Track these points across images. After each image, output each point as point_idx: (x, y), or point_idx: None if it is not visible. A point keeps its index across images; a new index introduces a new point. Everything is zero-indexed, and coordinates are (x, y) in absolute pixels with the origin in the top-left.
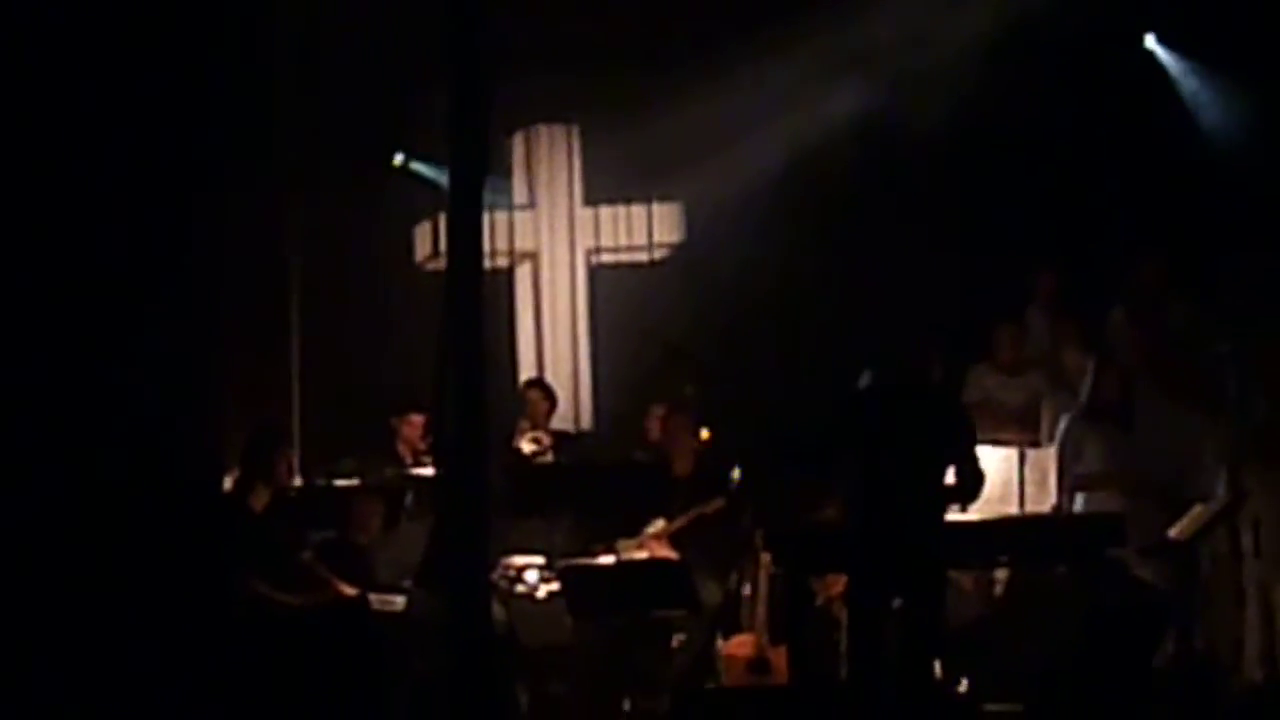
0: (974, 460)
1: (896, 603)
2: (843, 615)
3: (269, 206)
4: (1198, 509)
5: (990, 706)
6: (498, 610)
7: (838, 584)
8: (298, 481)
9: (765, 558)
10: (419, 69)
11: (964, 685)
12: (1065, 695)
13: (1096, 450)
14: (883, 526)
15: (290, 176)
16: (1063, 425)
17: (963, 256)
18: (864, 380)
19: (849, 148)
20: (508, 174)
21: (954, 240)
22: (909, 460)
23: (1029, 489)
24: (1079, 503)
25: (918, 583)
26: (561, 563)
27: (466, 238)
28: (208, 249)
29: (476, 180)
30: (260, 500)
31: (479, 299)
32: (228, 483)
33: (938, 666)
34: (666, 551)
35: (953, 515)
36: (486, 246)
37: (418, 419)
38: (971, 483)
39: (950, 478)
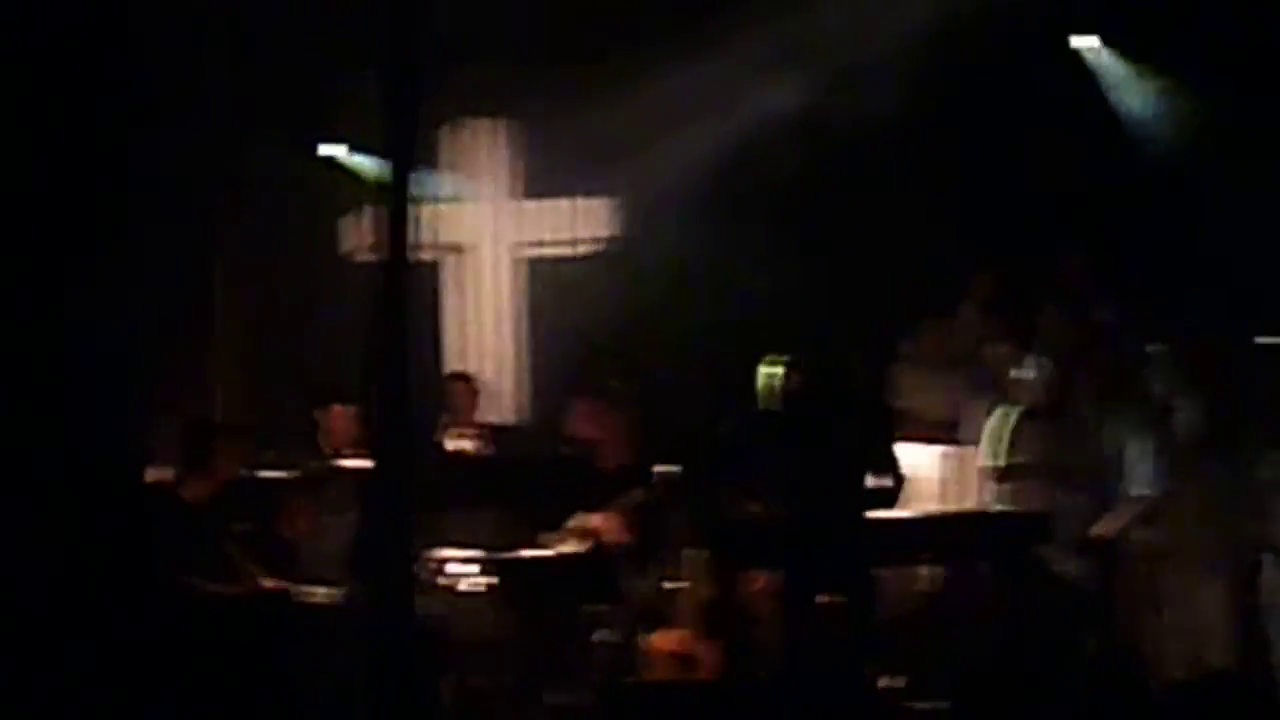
0: (894, 462)
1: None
2: (764, 611)
3: (195, 195)
4: (1122, 507)
5: (918, 704)
6: (422, 603)
7: (759, 579)
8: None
9: (692, 552)
10: (350, 56)
11: (892, 683)
12: (990, 693)
13: (1027, 443)
14: (807, 526)
15: (217, 165)
16: (993, 417)
17: (893, 254)
18: (787, 379)
19: (782, 143)
20: (435, 167)
21: (885, 238)
22: (830, 460)
23: (952, 486)
24: (1001, 496)
25: (844, 580)
26: (486, 555)
27: (395, 229)
28: (132, 240)
29: (405, 172)
30: (193, 492)
31: (404, 290)
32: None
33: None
34: (614, 532)
35: (879, 512)
36: (413, 239)
37: (340, 410)
38: (892, 484)
39: (871, 480)
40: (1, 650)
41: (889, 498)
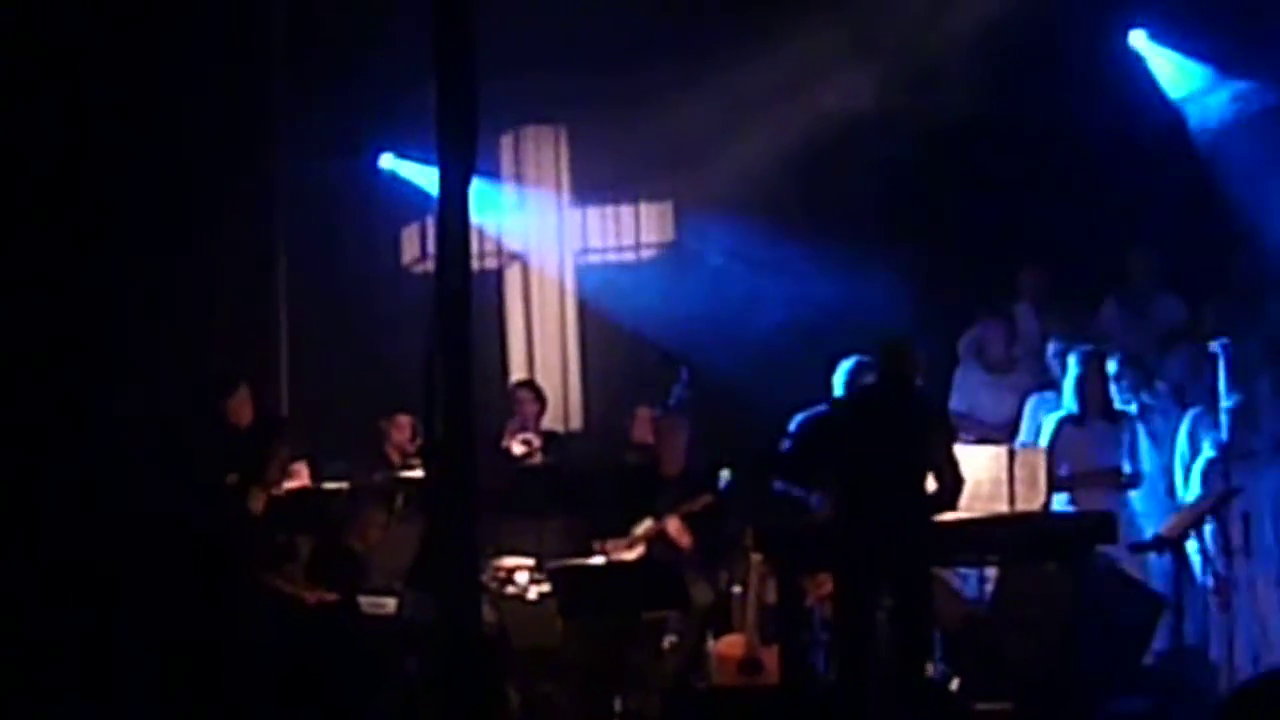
0: (954, 464)
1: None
2: (831, 614)
3: (257, 207)
4: (1188, 505)
5: (981, 705)
6: (488, 612)
7: (827, 583)
8: (301, 480)
9: (756, 557)
10: (408, 69)
11: (955, 684)
12: (1056, 693)
13: (1084, 450)
14: (867, 529)
15: (279, 178)
16: (1050, 425)
17: (954, 253)
18: (845, 383)
19: (839, 144)
20: (496, 175)
21: (941, 238)
22: (891, 463)
23: (1019, 487)
24: (1065, 502)
25: (904, 583)
26: (552, 563)
27: (455, 238)
28: (197, 252)
29: (464, 181)
30: (257, 503)
31: (467, 300)
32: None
33: (929, 665)
34: (683, 537)
35: (945, 514)
36: (475, 248)
37: (405, 420)
38: (952, 486)
39: (931, 483)
40: (73, 654)
41: (950, 498)
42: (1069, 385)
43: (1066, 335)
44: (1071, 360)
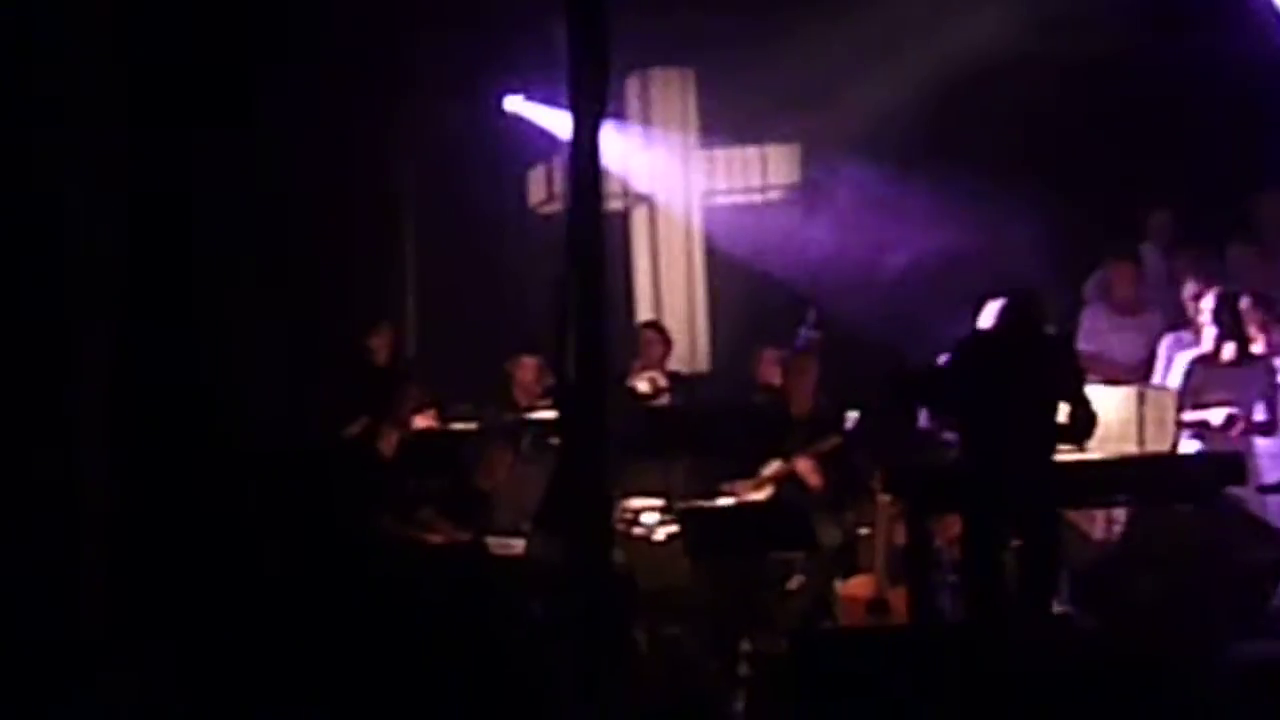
0: (1085, 402)
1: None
2: (959, 556)
3: (385, 150)
4: None
5: (1110, 645)
6: (616, 552)
7: (955, 525)
8: (429, 421)
9: (883, 499)
10: (534, 11)
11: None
12: (1185, 634)
13: (1216, 391)
14: (996, 467)
15: (406, 120)
16: (1183, 365)
17: (1077, 196)
18: (978, 324)
19: (965, 89)
20: (623, 117)
21: (1069, 180)
22: (1021, 402)
23: (1149, 428)
24: (1191, 444)
25: (1032, 522)
26: (679, 504)
27: (586, 180)
28: (326, 195)
29: (595, 124)
30: (389, 444)
31: (600, 242)
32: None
33: (1055, 601)
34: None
35: (1074, 455)
36: (603, 189)
37: (530, 362)
38: (1084, 423)
39: (1063, 417)
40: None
41: (1082, 431)
42: (1205, 325)
43: (1197, 275)
44: (1207, 301)
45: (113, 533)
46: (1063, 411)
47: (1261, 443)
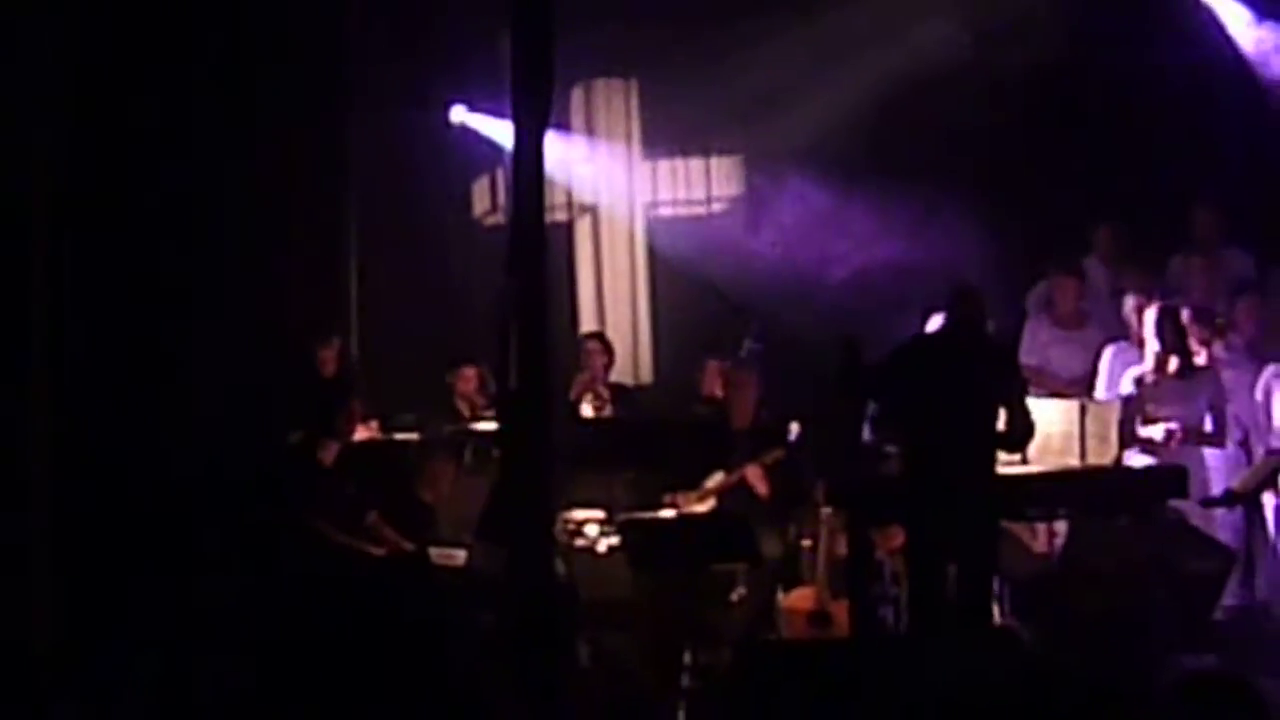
0: (1025, 409)
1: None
2: (901, 567)
3: (328, 160)
4: (1260, 461)
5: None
6: (558, 564)
7: (898, 537)
8: (370, 433)
9: (825, 511)
10: (480, 22)
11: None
12: (1126, 647)
13: (1160, 397)
14: (934, 472)
15: (350, 130)
16: (1127, 379)
17: (1021, 209)
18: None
19: (911, 102)
20: (567, 127)
21: (1013, 193)
22: (958, 404)
23: (1090, 441)
24: (1138, 458)
25: (969, 530)
26: (622, 516)
27: (529, 190)
28: (268, 203)
29: (539, 134)
30: (328, 454)
31: (542, 252)
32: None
33: (996, 613)
34: (761, 485)
35: (1015, 468)
36: (546, 200)
37: (471, 372)
38: (1022, 430)
39: (1000, 425)
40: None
41: (1020, 439)
42: (1148, 339)
43: (1139, 289)
44: (1149, 314)
45: (60, 541)
46: (1001, 418)
47: (1211, 454)
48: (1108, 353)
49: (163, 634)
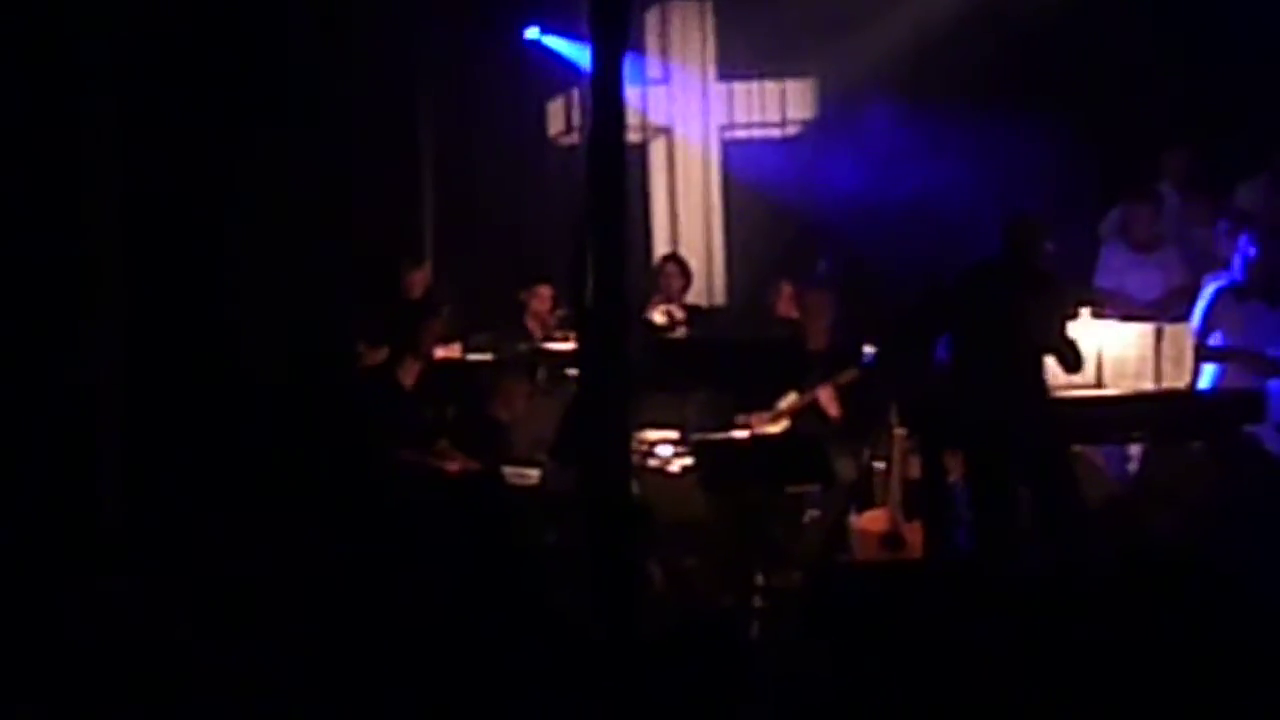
0: (1071, 344)
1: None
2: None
3: (403, 81)
4: None
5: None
6: (631, 484)
7: None
8: (451, 353)
9: (899, 433)
10: None
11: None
12: (1201, 570)
13: (1237, 325)
14: (983, 404)
15: (425, 51)
16: (1206, 295)
17: (1094, 134)
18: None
19: (984, 25)
20: (642, 49)
21: (1085, 118)
22: (1006, 333)
23: (1165, 365)
24: (1208, 376)
25: (1033, 458)
26: (695, 437)
27: (608, 112)
28: (342, 125)
29: (617, 56)
30: (410, 375)
31: (621, 174)
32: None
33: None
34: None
35: (1089, 392)
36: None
37: (546, 291)
38: (1071, 356)
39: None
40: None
41: (1072, 365)
42: (1238, 260)
43: (1209, 215)
44: (1243, 239)
45: (130, 448)
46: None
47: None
48: (1208, 289)
49: (232, 544)
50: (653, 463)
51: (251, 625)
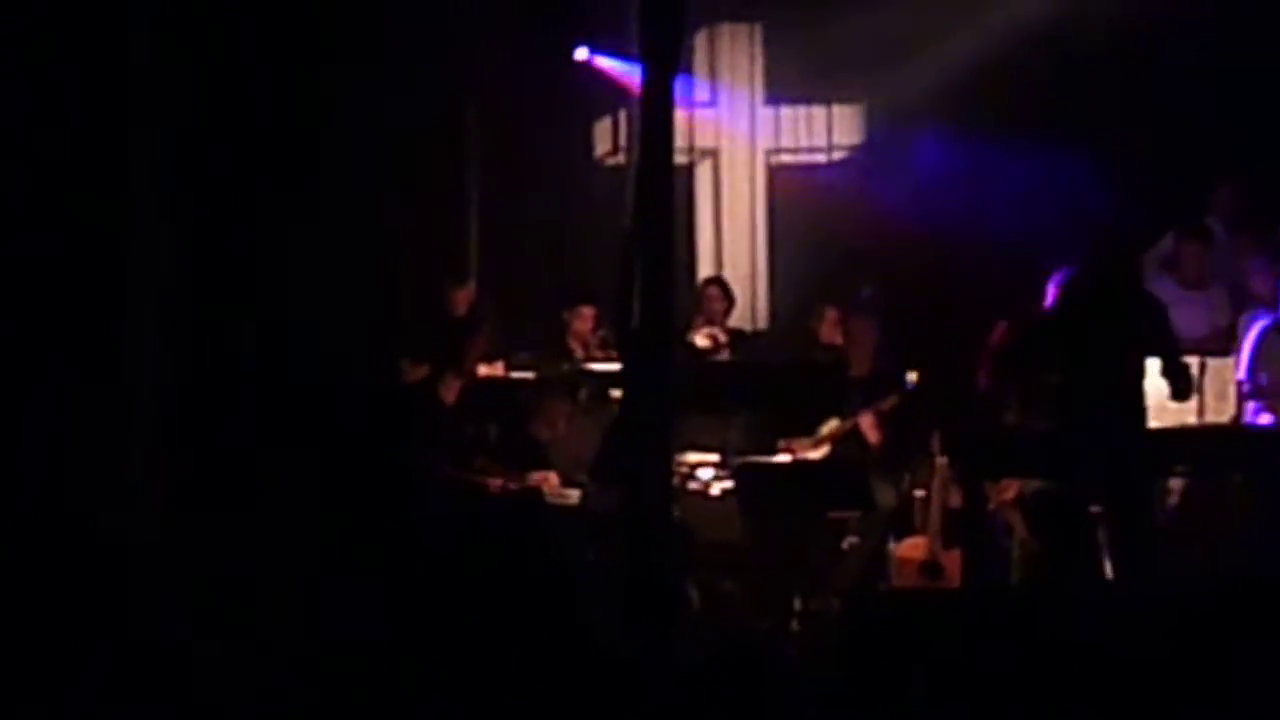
0: (1179, 355)
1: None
2: (1014, 519)
3: (451, 99)
4: None
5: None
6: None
7: (1011, 489)
8: (493, 371)
9: (940, 461)
10: None
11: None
12: (1238, 605)
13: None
14: (1087, 432)
15: (473, 70)
16: (1253, 333)
17: (1141, 167)
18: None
19: (1034, 54)
20: (690, 71)
21: (1134, 150)
22: (1114, 357)
23: (1209, 399)
24: (1253, 414)
25: (1124, 484)
26: (736, 460)
27: (657, 133)
28: (389, 144)
29: (668, 77)
30: (451, 392)
31: (669, 195)
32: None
33: (1108, 568)
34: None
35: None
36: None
37: (588, 312)
38: (1183, 379)
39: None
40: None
41: (1183, 393)
42: None
43: (1254, 251)
44: None
45: (167, 457)
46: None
47: None
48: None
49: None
50: (693, 485)
51: (284, 635)
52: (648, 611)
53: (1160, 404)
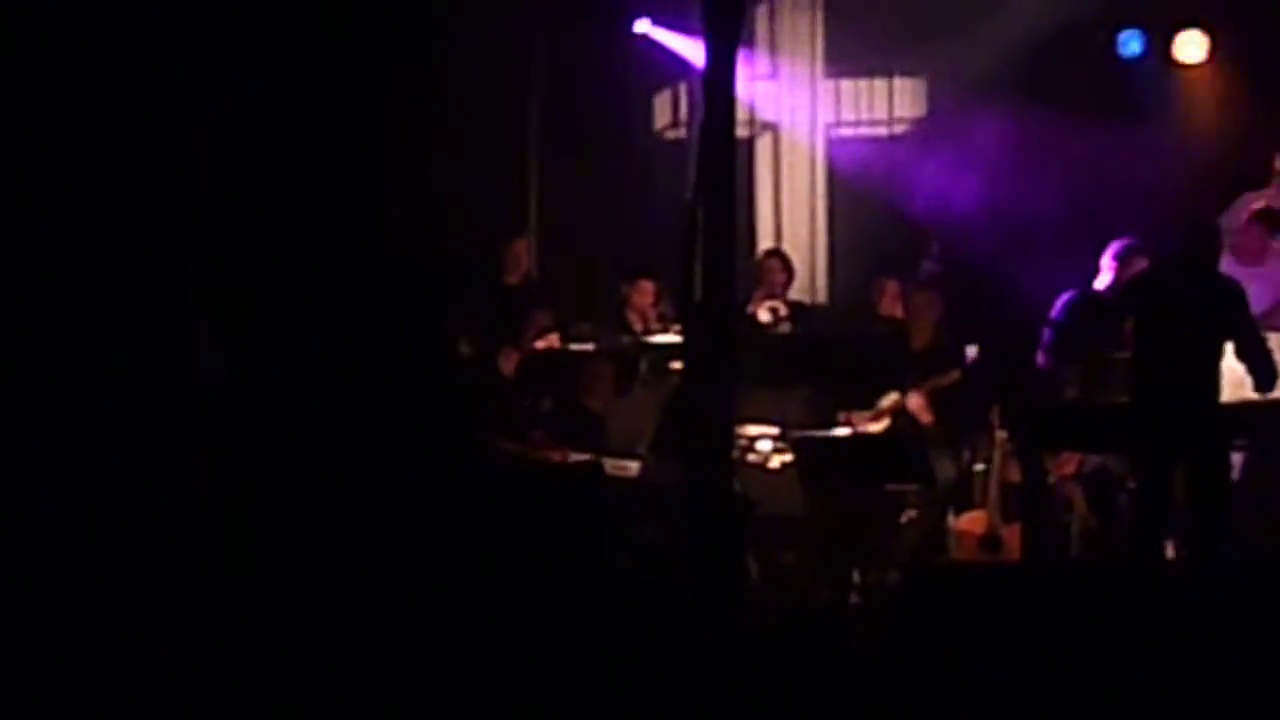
0: (1259, 336)
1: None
2: (1074, 494)
3: (511, 71)
4: None
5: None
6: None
7: (1070, 463)
8: (551, 343)
9: (1000, 435)
10: None
11: None
12: None
13: None
14: (1164, 407)
15: (533, 42)
16: None
17: (1199, 139)
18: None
19: (1095, 25)
20: (751, 45)
21: (1193, 128)
22: (1191, 335)
23: None
24: None
25: (1201, 459)
26: (795, 433)
27: (719, 107)
28: (450, 115)
29: (730, 50)
30: (509, 364)
31: (731, 168)
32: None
33: (1169, 548)
34: (924, 414)
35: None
36: None
37: (648, 285)
38: (1264, 362)
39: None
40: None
41: (1267, 379)
42: None
43: None
44: None
45: (228, 439)
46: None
47: None
48: None
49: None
50: (752, 458)
51: (349, 617)
52: (709, 584)
53: (1224, 379)
